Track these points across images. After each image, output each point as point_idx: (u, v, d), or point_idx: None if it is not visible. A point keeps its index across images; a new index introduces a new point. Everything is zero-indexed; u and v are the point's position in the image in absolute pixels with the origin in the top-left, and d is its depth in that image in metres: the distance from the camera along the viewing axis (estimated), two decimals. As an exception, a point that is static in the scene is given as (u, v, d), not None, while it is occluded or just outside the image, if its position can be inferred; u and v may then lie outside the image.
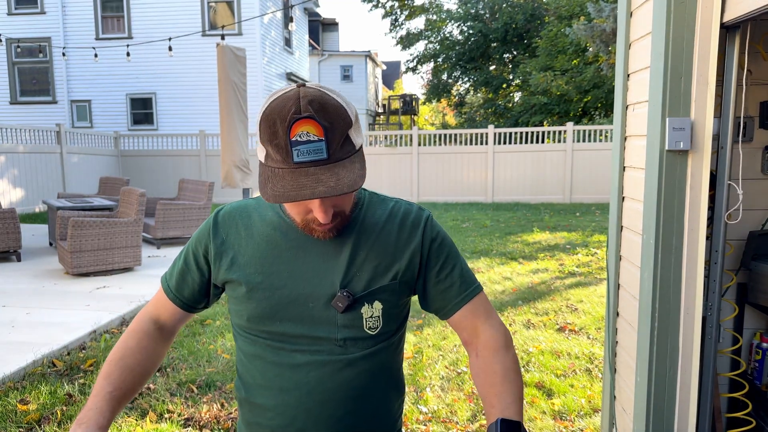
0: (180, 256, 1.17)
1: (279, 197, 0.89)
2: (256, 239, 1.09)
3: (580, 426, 2.93)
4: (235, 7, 16.26)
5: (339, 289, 1.04)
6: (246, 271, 1.07)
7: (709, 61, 1.71)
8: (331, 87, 0.98)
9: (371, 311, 1.06)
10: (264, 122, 0.91)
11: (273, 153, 0.91)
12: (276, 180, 0.91)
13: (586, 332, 4.39)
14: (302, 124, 0.88)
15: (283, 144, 0.89)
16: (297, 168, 0.90)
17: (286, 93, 0.91)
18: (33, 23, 16.66)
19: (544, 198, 13.35)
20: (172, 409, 3.07)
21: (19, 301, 5.03)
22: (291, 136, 0.88)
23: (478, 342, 1.12)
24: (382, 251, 1.08)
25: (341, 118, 0.91)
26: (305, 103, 0.88)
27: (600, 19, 12.34)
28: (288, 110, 0.88)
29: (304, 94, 0.90)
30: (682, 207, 1.80)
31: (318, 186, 0.89)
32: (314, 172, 0.90)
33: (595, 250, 7.53)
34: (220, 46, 7.99)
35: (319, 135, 0.89)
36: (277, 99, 0.91)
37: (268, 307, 1.06)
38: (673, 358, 1.86)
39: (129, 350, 1.11)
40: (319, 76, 27.83)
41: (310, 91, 0.91)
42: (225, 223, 1.12)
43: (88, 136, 13.49)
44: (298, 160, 0.89)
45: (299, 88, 0.91)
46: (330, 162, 0.91)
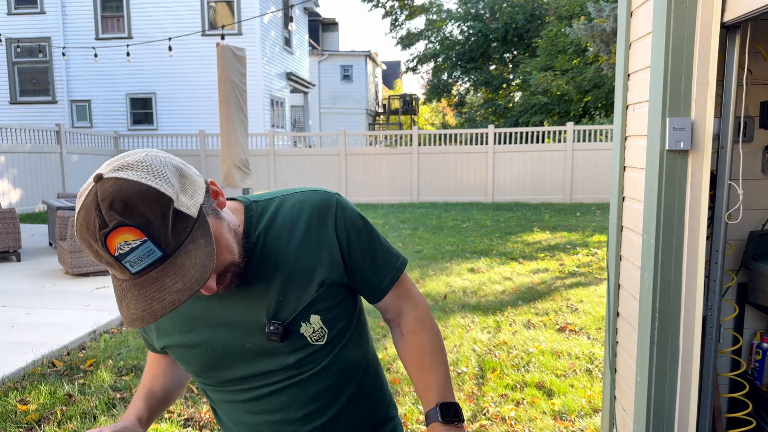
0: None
1: (135, 321, 0.80)
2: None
3: (581, 426, 2.92)
4: (235, 7, 16.26)
5: (267, 320, 0.96)
6: (172, 335, 1.03)
7: (709, 60, 1.71)
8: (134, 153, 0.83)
9: (311, 327, 0.98)
10: (81, 242, 0.79)
11: (110, 269, 0.81)
12: (127, 298, 0.81)
13: (586, 332, 4.39)
14: (116, 236, 0.75)
15: (111, 261, 0.77)
16: (139, 277, 0.79)
17: (86, 199, 0.77)
18: (33, 23, 16.66)
19: (545, 198, 13.34)
20: (172, 409, 3.07)
21: (18, 301, 5.03)
22: (112, 252, 0.76)
23: (401, 320, 1.10)
24: (298, 263, 0.97)
25: (155, 202, 0.77)
26: (107, 209, 0.75)
27: (600, 19, 12.34)
28: (93, 226, 0.75)
29: (102, 195, 0.75)
30: (683, 207, 1.79)
31: (166, 295, 0.78)
32: (157, 276, 0.79)
33: (596, 250, 7.53)
34: (220, 46, 7.99)
35: (139, 237, 0.76)
36: (81, 211, 0.77)
37: (208, 362, 1.01)
38: (673, 358, 1.85)
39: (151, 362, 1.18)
40: (319, 76, 27.84)
41: (107, 187, 0.76)
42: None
43: (88, 136, 13.49)
44: (135, 270, 0.78)
45: (96, 184, 0.77)
46: (169, 256, 0.79)
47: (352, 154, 13.90)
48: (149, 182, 0.78)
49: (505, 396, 3.27)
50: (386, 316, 1.12)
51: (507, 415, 3.03)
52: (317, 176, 13.94)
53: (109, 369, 3.61)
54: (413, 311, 1.10)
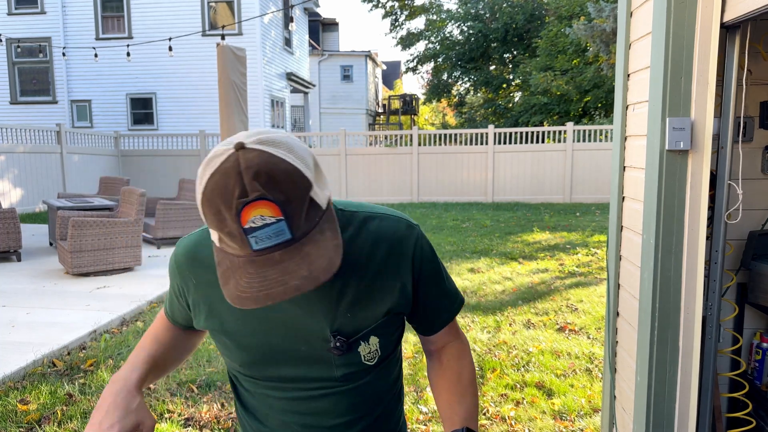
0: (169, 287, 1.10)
1: (247, 301, 0.75)
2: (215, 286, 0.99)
3: (580, 426, 2.93)
4: (235, 7, 16.26)
5: (330, 334, 0.96)
6: (225, 320, 0.98)
7: (709, 61, 1.71)
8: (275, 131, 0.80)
9: (368, 347, 1.00)
10: (206, 207, 0.75)
11: (226, 239, 0.76)
12: (238, 274, 0.77)
13: (586, 332, 4.39)
14: (253, 208, 0.72)
15: (236, 233, 0.74)
16: (259, 255, 0.76)
17: (224, 164, 0.74)
18: (33, 23, 16.66)
19: (544, 198, 13.35)
20: (172, 409, 3.07)
21: (19, 301, 5.03)
22: (243, 224, 0.73)
23: (443, 351, 1.11)
24: (372, 286, 0.97)
25: (298, 183, 0.75)
26: (250, 179, 0.72)
27: (600, 19, 12.35)
28: (231, 193, 0.72)
29: (246, 164, 0.73)
30: (682, 207, 1.80)
31: (290, 280, 0.75)
32: (280, 258, 0.75)
33: (595, 250, 7.53)
34: (220, 46, 7.99)
35: (276, 215, 0.73)
36: (216, 175, 0.74)
37: (256, 357, 0.99)
38: (673, 358, 1.86)
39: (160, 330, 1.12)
40: (319, 76, 27.84)
41: (252, 157, 0.73)
42: (189, 267, 1.00)
43: (88, 136, 13.50)
44: (258, 247, 0.75)
45: (238, 152, 0.74)
46: (296, 241, 0.76)
47: (352, 154, 13.90)
48: (294, 162, 0.76)
49: (505, 396, 3.28)
50: (429, 347, 1.13)
51: (507, 415, 3.03)
52: (317, 176, 13.91)
53: (110, 369, 3.61)
54: (457, 344, 1.12)
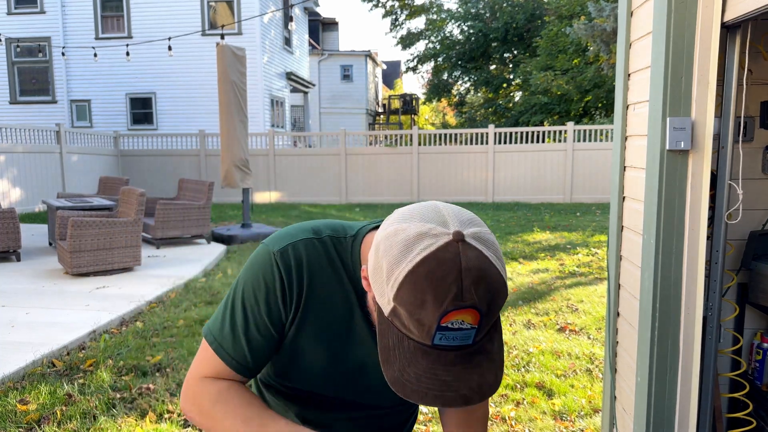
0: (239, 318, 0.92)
1: (411, 392, 0.73)
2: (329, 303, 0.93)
3: (581, 426, 2.92)
4: (234, 7, 16.26)
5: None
6: (313, 338, 0.94)
7: (709, 60, 1.71)
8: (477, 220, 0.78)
9: None
10: (408, 285, 0.71)
11: (407, 321, 0.73)
12: (406, 359, 0.74)
13: (586, 332, 4.39)
14: (460, 313, 0.70)
15: (427, 324, 0.71)
16: (434, 351, 0.73)
17: (442, 252, 0.71)
18: (33, 23, 16.65)
19: (545, 198, 13.34)
20: (171, 409, 3.07)
21: (18, 301, 5.02)
22: (442, 322, 0.71)
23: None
24: None
25: (502, 298, 0.74)
26: (469, 284, 0.70)
27: (600, 19, 12.34)
28: (447, 291, 0.69)
29: (467, 264, 0.70)
30: (683, 207, 1.79)
31: (460, 388, 0.73)
32: (454, 360, 0.73)
33: (596, 250, 7.53)
34: (219, 46, 7.99)
35: (473, 324, 0.72)
36: (432, 261, 0.70)
37: (322, 377, 0.97)
38: (673, 358, 1.85)
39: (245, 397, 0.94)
40: (319, 76, 27.83)
41: (473, 257, 0.71)
42: (300, 277, 0.91)
43: (88, 136, 13.49)
44: (439, 343, 0.73)
45: (458, 243, 0.71)
46: (473, 347, 0.75)
47: (353, 154, 13.89)
48: (503, 275, 0.74)
49: (505, 396, 3.27)
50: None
51: (507, 415, 3.03)
52: (317, 176, 13.94)
53: (109, 369, 3.61)
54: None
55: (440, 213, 0.76)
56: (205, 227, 8.13)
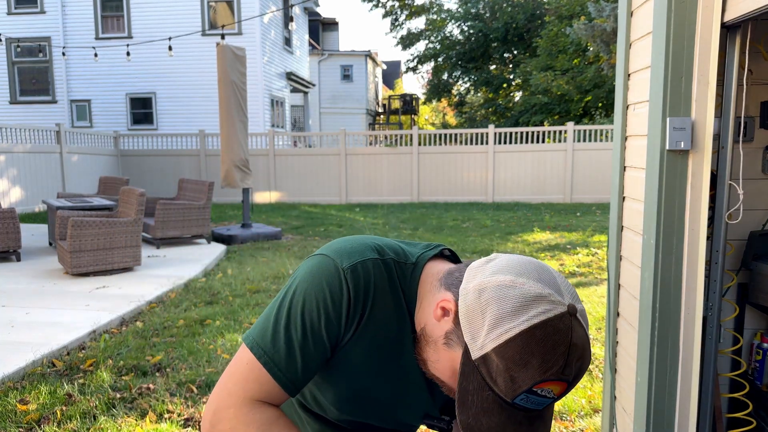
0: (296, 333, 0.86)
1: None
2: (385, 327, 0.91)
3: (581, 426, 2.92)
4: (235, 7, 16.26)
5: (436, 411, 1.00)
6: (363, 358, 0.91)
7: (709, 60, 1.71)
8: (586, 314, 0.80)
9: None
10: (519, 346, 0.72)
11: (496, 373, 0.74)
12: (482, 408, 0.76)
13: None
14: (555, 384, 0.73)
15: (519, 383, 0.73)
16: (509, 408, 0.75)
17: (558, 323, 0.72)
18: (33, 23, 16.66)
19: (545, 198, 13.34)
20: (171, 409, 3.07)
21: (18, 301, 5.02)
22: (535, 387, 0.73)
23: None
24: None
25: (581, 375, 0.77)
26: (574, 361, 0.73)
27: (600, 19, 12.34)
28: (554, 361, 0.72)
29: (575, 340, 0.73)
30: (683, 207, 1.79)
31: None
32: (522, 421, 0.76)
33: (596, 250, 7.53)
34: (220, 46, 7.99)
35: (557, 395, 0.75)
36: (549, 328, 0.72)
37: (357, 402, 0.96)
38: (673, 358, 1.85)
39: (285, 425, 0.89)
40: (319, 76, 27.84)
41: (581, 335, 0.74)
42: (366, 297, 0.88)
43: (88, 136, 13.49)
44: (518, 403, 0.75)
45: (572, 319, 0.74)
46: (540, 412, 0.78)
47: (352, 154, 13.89)
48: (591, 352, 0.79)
49: (505, 396, 3.27)
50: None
51: (507, 415, 3.03)
52: (317, 176, 13.94)
53: (109, 369, 3.61)
54: None
55: (554, 279, 0.77)
56: (205, 227, 8.13)
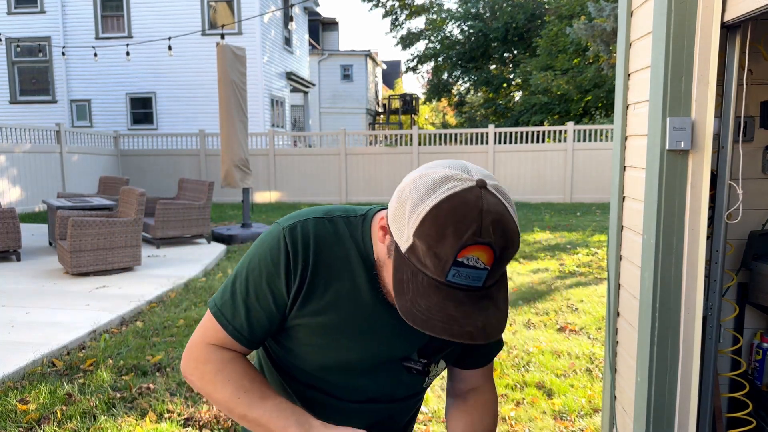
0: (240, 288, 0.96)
1: (421, 322, 0.78)
2: (339, 281, 0.95)
3: (581, 426, 2.92)
4: (235, 7, 16.26)
5: (414, 354, 0.99)
6: (321, 319, 0.95)
7: (709, 60, 1.71)
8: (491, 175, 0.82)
9: (435, 371, 1.04)
10: (431, 220, 0.76)
11: (423, 256, 0.77)
12: (418, 292, 0.79)
13: (586, 332, 4.39)
14: (476, 250, 0.75)
15: (444, 257, 0.75)
16: (445, 287, 0.78)
17: (466, 193, 0.76)
18: (33, 23, 16.65)
19: (545, 197, 13.34)
20: (171, 409, 3.07)
21: (18, 301, 5.03)
22: (459, 256, 0.75)
23: (471, 393, 1.11)
24: None
25: (515, 247, 0.79)
26: (488, 224, 0.75)
27: (600, 19, 12.34)
28: (468, 225, 0.74)
29: (488, 207, 0.76)
30: (683, 207, 1.79)
31: (465, 326, 0.77)
32: (463, 300, 0.78)
33: (596, 250, 7.53)
34: (220, 46, 7.99)
35: (486, 264, 0.76)
36: (456, 199, 0.76)
37: (344, 360, 0.98)
38: (673, 358, 1.85)
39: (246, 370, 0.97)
40: (319, 76, 27.83)
41: (494, 203, 0.76)
42: (306, 255, 0.93)
43: (88, 136, 13.49)
44: (452, 280, 0.77)
45: (481, 190, 0.77)
46: (482, 291, 0.79)
47: (352, 154, 13.89)
48: (518, 227, 0.80)
49: (505, 396, 3.27)
50: (459, 385, 1.12)
51: (507, 415, 3.03)
52: (317, 176, 13.94)
53: (109, 369, 3.61)
54: (490, 394, 1.12)
55: (465, 165, 0.82)
56: (205, 227, 8.13)
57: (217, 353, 0.97)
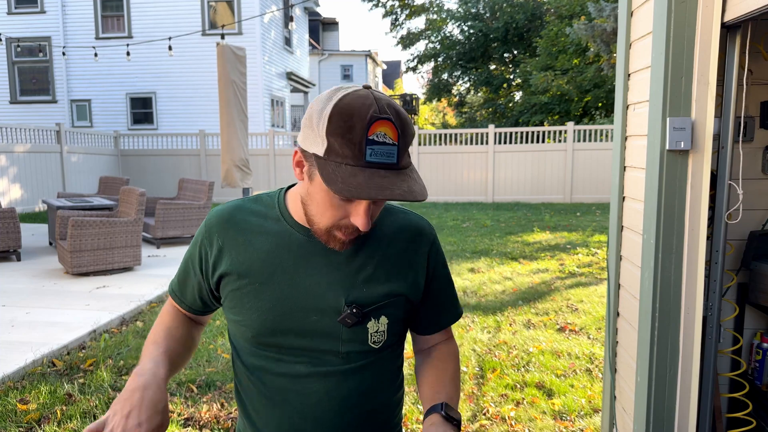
0: (183, 263, 1.16)
1: (356, 192, 0.86)
2: (256, 246, 1.04)
3: (581, 426, 2.92)
4: (235, 7, 16.25)
5: (345, 304, 1.02)
6: (246, 282, 1.03)
7: (709, 60, 1.71)
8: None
9: (377, 326, 1.05)
10: (337, 115, 0.87)
11: (340, 147, 0.87)
12: (346, 175, 0.87)
13: (586, 332, 4.39)
14: (381, 125, 0.86)
15: (357, 140, 0.86)
16: (368, 167, 0.87)
17: (357, 91, 0.90)
18: (33, 22, 16.65)
19: (545, 198, 13.34)
20: (171, 409, 3.07)
21: (18, 301, 5.03)
22: (369, 134, 0.86)
23: (434, 348, 1.19)
24: (390, 266, 1.06)
25: (410, 127, 0.91)
26: (384, 105, 0.88)
27: (601, 19, 12.34)
28: (368, 108, 0.87)
29: (379, 96, 0.89)
30: (683, 207, 1.79)
31: (395, 189, 0.87)
32: (386, 174, 0.88)
33: (596, 250, 7.53)
34: (220, 46, 7.98)
35: (393, 139, 0.88)
36: (350, 95, 0.89)
37: (269, 319, 1.03)
38: (673, 358, 1.85)
39: (172, 323, 1.15)
40: (319, 76, 27.82)
41: (381, 96, 0.90)
42: (221, 228, 1.07)
43: (88, 136, 13.49)
44: (371, 159, 0.87)
45: (369, 89, 0.91)
46: (399, 168, 0.90)
47: (352, 154, 13.88)
48: (407, 114, 0.92)
49: (505, 396, 3.27)
50: (421, 346, 1.20)
51: (507, 415, 3.03)
52: (317, 176, 13.92)
53: (109, 368, 3.61)
54: (449, 344, 1.21)
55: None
56: (205, 227, 8.12)
57: (165, 311, 1.19)
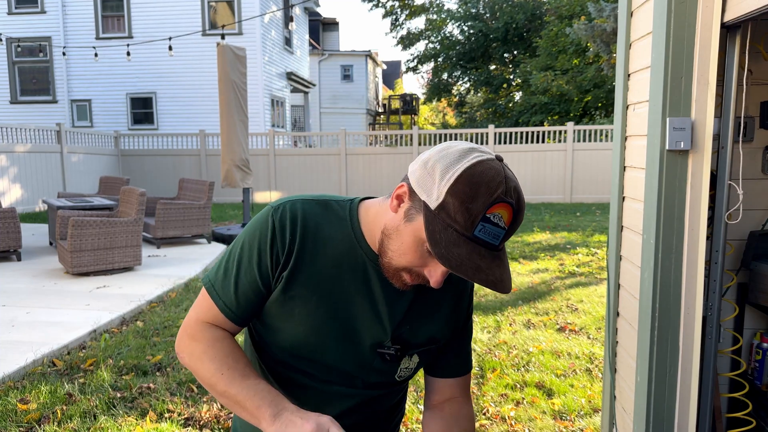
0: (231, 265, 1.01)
1: (456, 266, 0.85)
2: (324, 258, 0.99)
3: (580, 426, 2.92)
4: (235, 7, 16.26)
5: (389, 339, 1.02)
6: (304, 291, 0.99)
7: (709, 60, 1.71)
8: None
9: (408, 363, 1.07)
10: (466, 179, 0.85)
11: (455, 211, 0.85)
12: (450, 241, 0.86)
13: (586, 332, 4.39)
14: (501, 207, 0.85)
15: (475, 213, 0.84)
16: (472, 241, 0.86)
17: (492, 162, 0.88)
18: (33, 23, 16.66)
19: (545, 198, 13.34)
20: (172, 409, 3.07)
21: (19, 301, 5.03)
22: (488, 212, 0.84)
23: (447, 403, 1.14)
24: (436, 312, 1.07)
25: (523, 215, 0.90)
26: (511, 188, 0.87)
27: (601, 19, 12.35)
28: (497, 186, 0.85)
29: (508, 176, 0.88)
30: (683, 207, 1.79)
31: (489, 275, 0.87)
32: (485, 255, 0.87)
33: (596, 250, 7.53)
34: (220, 46, 7.99)
35: (506, 224, 0.86)
36: (485, 164, 0.87)
37: (313, 336, 1.01)
38: (673, 358, 1.85)
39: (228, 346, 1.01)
40: (319, 76, 27.83)
41: (511, 176, 0.89)
42: (294, 231, 0.98)
43: (89, 136, 13.49)
44: (478, 235, 0.86)
45: (501, 162, 0.90)
46: (498, 251, 0.89)
47: (353, 154, 13.89)
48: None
49: (505, 396, 3.28)
50: (435, 396, 1.16)
51: (507, 415, 3.03)
52: (317, 176, 13.94)
53: (109, 368, 3.61)
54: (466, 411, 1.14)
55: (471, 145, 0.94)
56: (205, 227, 8.13)
57: (208, 332, 1.01)
